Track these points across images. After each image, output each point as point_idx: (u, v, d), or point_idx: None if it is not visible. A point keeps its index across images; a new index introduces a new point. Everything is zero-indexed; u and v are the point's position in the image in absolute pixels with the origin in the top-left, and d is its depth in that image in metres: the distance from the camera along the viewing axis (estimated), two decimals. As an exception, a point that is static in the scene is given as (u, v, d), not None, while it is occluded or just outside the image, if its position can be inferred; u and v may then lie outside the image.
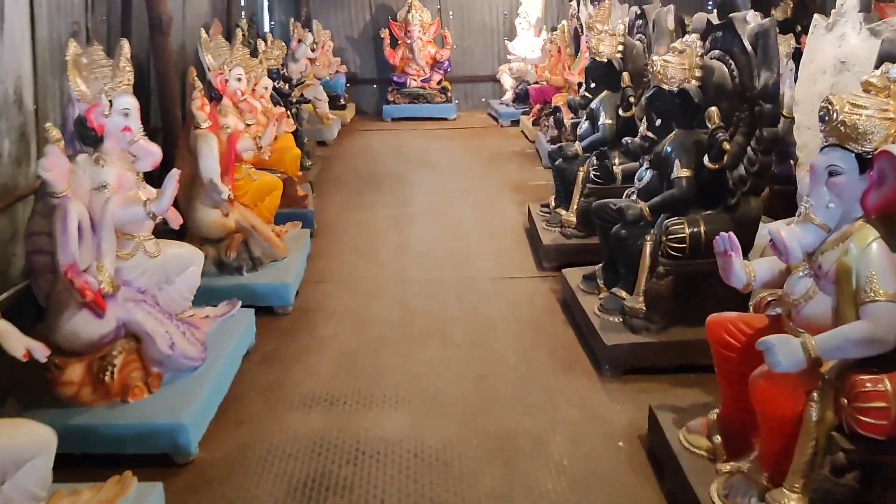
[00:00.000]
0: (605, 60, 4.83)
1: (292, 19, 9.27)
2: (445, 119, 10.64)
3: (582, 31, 8.53)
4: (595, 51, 4.87)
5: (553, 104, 8.14)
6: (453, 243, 5.44)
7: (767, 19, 3.31)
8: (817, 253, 2.26)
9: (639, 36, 4.83)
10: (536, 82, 9.79)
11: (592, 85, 5.04)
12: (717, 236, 2.47)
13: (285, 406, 3.31)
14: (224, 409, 3.23)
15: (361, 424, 3.15)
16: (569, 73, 7.85)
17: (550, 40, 9.03)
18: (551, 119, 8.10)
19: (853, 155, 2.14)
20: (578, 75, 7.63)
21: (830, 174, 2.19)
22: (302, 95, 8.85)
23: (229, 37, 5.50)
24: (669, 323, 3.54)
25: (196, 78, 4.23)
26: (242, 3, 9.51)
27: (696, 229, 3.42)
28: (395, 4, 11.27)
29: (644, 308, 3.53)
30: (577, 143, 4.95)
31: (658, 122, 3.63)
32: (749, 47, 3.28)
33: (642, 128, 3.83)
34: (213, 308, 3.72)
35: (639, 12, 4.82)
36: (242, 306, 3.98)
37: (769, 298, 2.64)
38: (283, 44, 8.14)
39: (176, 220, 3.36)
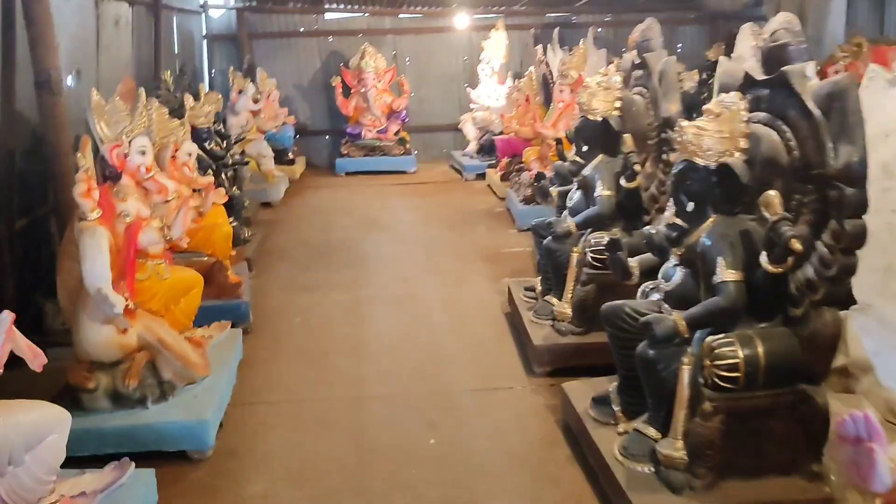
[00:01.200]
0: (600, 119, 3.99)
1: (231, 68, 8.34)
2: (404, 172, 9.77)
3: (552, 79, 7.82)
4: (587, 107, 3.99)
5: (525, 160, 7.34)
6: (420, 339, 4.48)
7: (844, 75, 2.50)
8: None
9: (638, 89, 4.02)
10: (502, 133, 9.05)
11: (584, 148, 4.11)
12: (847, 417, 1.59)
13: None
14: None
15: None
16: (541, 126, 7.08)
17: (517, 88, 8.29)
18: (522, 176, 7.29)
19: None
20: (552, 128, 6.87)
21: None
22: (243, 153, 7.92)
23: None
24: (719, 476, 2.64)
25: (86, 152, 3.24)
26: (177, 51, 8.58)
27: (751, 351, 2.55)
28: (346, 51, 10.45)
29: (685, 458, 2.62)
30: (568, 217, 4.09)
31: (690, 206, 2.77)
32: (816, 112, 2.47)
33: (669, 213, 2.96)
34: (94, 474, 2.67)
35: (638, 61, 4.02)
36: (144, 452, 2.99)
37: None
38: (220, 96, 7.21)
39: (36, 360, 2.37)
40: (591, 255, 3.84)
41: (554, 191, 4.43)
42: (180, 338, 3.48)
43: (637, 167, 3.68)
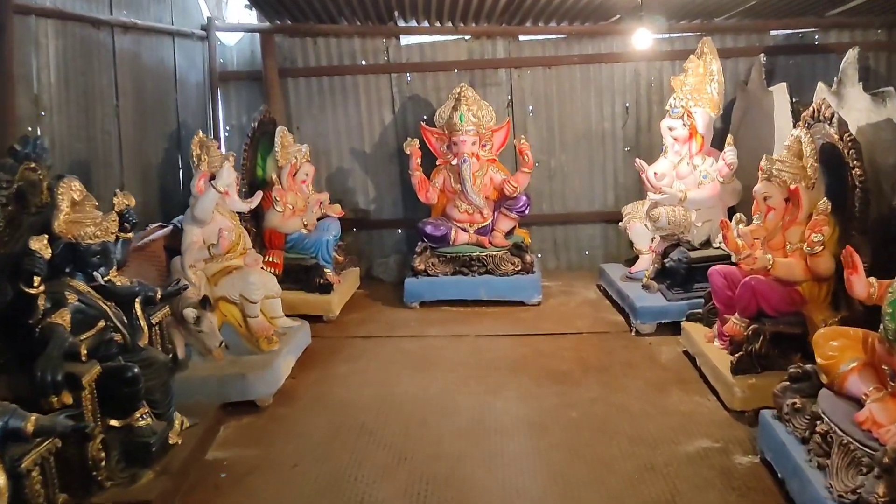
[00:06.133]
0: None
1: (199, 132, 4.40)
2: (521, 304, 5.62)
3: (853, 155, 3.45)
4: None
5: (824, 363, 2.93)
6: None
7: None
8: None
9: None
10: (718, 248, 4.78)
11: None
12: None
13: None
14: None
15: None
16: (866, 282, 2.67)
17: (767, 174, 3.89)
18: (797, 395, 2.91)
19: None
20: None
21: None
22: (206, 302, 4.04)
23: None
24: None
25: None
26: (117, 101, 4.83)
27: None
28: (434, 94, 6.47)
29: None
30: None
31: None
32: None
33: None
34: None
35: None
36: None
37: None
38: (133, 200, 3.37)
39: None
40: None
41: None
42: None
43: None
